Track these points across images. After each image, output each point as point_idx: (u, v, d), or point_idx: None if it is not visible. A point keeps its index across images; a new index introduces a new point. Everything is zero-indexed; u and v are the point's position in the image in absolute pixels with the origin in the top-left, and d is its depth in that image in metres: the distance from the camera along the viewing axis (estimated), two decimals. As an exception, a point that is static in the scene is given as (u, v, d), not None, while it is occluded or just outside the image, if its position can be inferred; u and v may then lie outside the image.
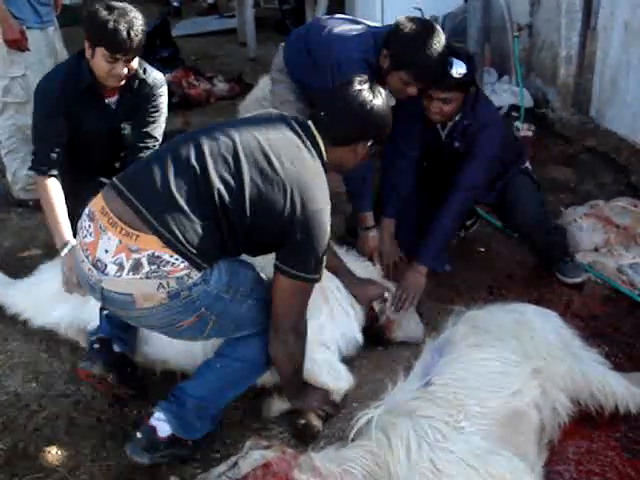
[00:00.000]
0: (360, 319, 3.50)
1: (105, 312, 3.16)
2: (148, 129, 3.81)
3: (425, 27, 3.43)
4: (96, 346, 3.11)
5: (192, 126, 6.66)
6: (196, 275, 2.58)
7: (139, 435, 2.79)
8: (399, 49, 3.41)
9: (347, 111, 2.81)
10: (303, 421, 3.03)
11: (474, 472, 2.39)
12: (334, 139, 2.81)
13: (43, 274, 3.77)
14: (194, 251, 2.54)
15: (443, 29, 8.50)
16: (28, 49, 4.72)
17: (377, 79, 3.36)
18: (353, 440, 2.62)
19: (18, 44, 4.65)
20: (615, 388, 2.95)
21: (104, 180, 3.59)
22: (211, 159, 2.61)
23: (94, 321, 3.30)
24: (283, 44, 4.15)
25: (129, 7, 3.48)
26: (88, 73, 3.60)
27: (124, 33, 3.37)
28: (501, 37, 7.20)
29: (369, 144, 2.88)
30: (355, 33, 3.67)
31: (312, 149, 2.75)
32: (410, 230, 4.06)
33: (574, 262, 4.21)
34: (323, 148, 2.78)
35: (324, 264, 2.73)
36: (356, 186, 3.82)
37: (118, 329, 3.16)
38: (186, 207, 2.54)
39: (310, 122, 2.83)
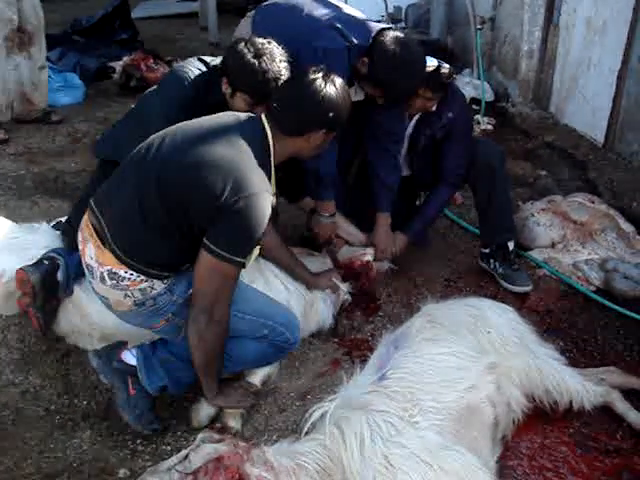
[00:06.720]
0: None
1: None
2: None
3: (409, 54, 3.43)
4: (46, 262, 3.35)
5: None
6: (160, 286, 2.75)
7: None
8: (381, 71, 3.43)
9: (298, 101, 2.82)
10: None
11: (427, 467, 2.38)
12: (286, 129, 2.80)
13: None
14: (149, 266, 2.70)
15: (406, 20, 8.56)
16: None
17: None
18: (307, 434, 2.60)
19: None
20: (570, 384, 2.97)
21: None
22: (157, 168, 2.66)
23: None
24: (251, 15, 3.84)
25: (275, 49, 3.19)
26: (219, 93, 3.32)
27: (272, 84, 3.13)
28: (464, 30, 7.22)
29: (323, 132, 2.86)
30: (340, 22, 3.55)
31: (256, 139, 2.73)
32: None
33: (520, 269, 4.12)
34: (271, 139, 2.77)
35: (252, 251, 2.68)
36: (317, 177, 3.78)
37: (75, 272, 3.34)
38: (138, 222, 2.66)
39: (264, 115, 2.82)
